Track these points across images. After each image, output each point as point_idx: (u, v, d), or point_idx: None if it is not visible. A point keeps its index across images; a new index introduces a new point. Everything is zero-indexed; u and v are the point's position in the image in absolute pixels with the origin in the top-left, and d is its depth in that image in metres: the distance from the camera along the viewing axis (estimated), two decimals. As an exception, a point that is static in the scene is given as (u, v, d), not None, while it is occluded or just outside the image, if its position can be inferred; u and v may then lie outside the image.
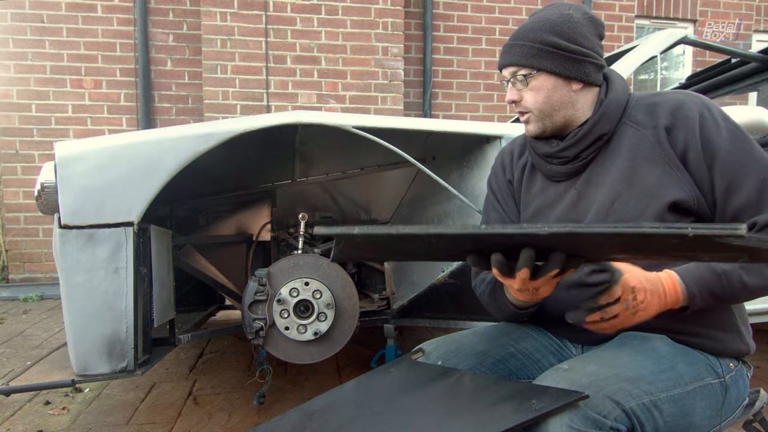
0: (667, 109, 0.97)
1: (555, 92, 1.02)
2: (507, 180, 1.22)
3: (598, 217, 0.99)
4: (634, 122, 1.00)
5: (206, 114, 3.93)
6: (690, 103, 0.96)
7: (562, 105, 1.02)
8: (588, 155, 1.03)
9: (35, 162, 3.96)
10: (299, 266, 1.39)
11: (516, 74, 1.03)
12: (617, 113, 1.01)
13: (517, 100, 1.05)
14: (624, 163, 0.98)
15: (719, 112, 0.95)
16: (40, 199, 1.32)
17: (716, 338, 0.93)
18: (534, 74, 1.01)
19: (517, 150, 1.21)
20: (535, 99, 1.03)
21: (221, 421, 1.77)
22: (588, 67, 1.01)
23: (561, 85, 1.01)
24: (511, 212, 1.20)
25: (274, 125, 1.41)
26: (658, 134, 0.96)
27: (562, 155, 1.05)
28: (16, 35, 3.93)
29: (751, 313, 1.73)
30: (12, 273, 4.00)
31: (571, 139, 1.03)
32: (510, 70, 1.04)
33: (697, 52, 5.09)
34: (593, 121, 1.01)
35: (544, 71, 1.00)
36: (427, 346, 1.11)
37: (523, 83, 1.03)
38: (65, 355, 1.48)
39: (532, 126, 1.06)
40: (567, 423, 0.76)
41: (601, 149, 1.03)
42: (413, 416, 0.91)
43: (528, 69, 1.01)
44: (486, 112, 4.67)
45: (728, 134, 0.92)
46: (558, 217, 1.06)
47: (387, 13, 4.13)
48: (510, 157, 1.23)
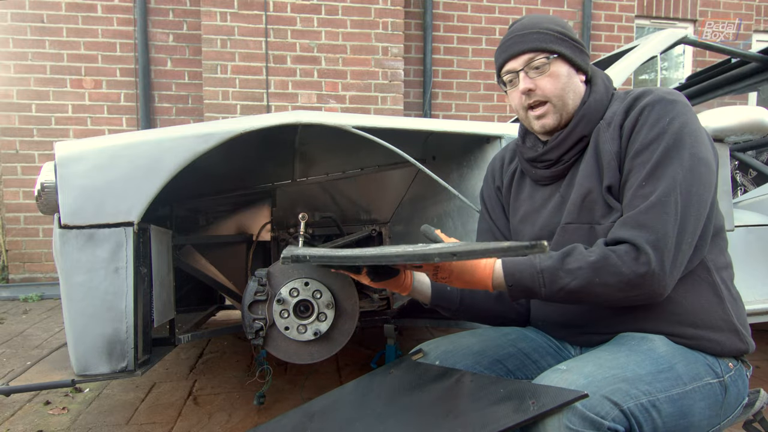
0: (624, 107, 0.98)
1: (570, 80, 1.01)
2: (496, 187, 1.23)
3: (571, 215, 0.99)
4: (603, 120, 1.01)
5: (206, 114, 3.93)
6: (641, 100, 0.95)
7: (574, 94, 1.02)
8: (570, 158, 1.03)
9: (35, 162, 3.96)
10: (299, 266, 1.39)
11: (533, 60, 1.00)
12: (597, 115, 1.02)
13: (533, 89, 1.01)
14: (590, 161, 0.99)
15: (660, 110, 0.92)
16: (40, 199, 1.32)
17: (714, 338, 0.93)
18: (553, 59, 1.00)
19: (508, 156, 1.22)
20: (554, 85, 1.00)
21: (221, 421, 1.77)
22: (588, 60, 1.04)
23: (573, 73, 1.02)
24: (498, 220, 1.22)
25: (274, 125, 1.41)
26: (613, 131, 0.97)
27: (545, 158, 1.06)
28: (16, 35, 3.93)
29: (751, 313, 1.74)
30: (12, 273, 4.00)
31: (553, 143, 1.04)
32: (524, 58, 1.00)
33: (697, 52, 5.09)
34: (573, 125, 1.02)
35: (562, 57, 1.00)
36: (425, 346, 1.11)
37: (540, 70, 1.00)
38: (65, 355, 1.48)
39: (551, 118, 1.02)
40: (565, 423, 0.76)
41: (582, 151, 1.03)
42: (413, 416, 0.91)
43: (547, 53, 0.99)
44: (486, 112, 4.67)
45: (654, 134, 0.91)
46: (544, 220, 1.07)
47: (387, 13, 4.13)
48: (500, 164, 1.24)
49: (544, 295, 0.91)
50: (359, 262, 0.81)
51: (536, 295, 0.91)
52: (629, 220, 0.89)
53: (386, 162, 2.00)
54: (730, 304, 0.97)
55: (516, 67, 1.02)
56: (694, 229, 0.89)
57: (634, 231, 0.87)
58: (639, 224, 0.87)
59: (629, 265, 0.86)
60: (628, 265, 0.86)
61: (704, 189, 0.90)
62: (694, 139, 0.90)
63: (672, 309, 0.94)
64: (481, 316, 1.15)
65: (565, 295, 0.89)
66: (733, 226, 1.79)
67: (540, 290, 0.90)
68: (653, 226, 0.86)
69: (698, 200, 0.89)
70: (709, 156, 0.92)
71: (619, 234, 0.89)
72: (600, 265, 0.87)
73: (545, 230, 1.06)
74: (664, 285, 0.87)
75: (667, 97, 0.93)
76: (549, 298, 0.91)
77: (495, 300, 1.12)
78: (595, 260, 0.87)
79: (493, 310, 1.14)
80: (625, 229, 0.88)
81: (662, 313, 0.94)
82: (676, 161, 0.88)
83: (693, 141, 0.90)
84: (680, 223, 0.87)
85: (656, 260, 0.85)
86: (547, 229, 1.06)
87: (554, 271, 0.89)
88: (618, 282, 0.86)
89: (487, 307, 1.12)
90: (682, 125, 0.90)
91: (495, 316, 1.15)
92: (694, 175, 0.88)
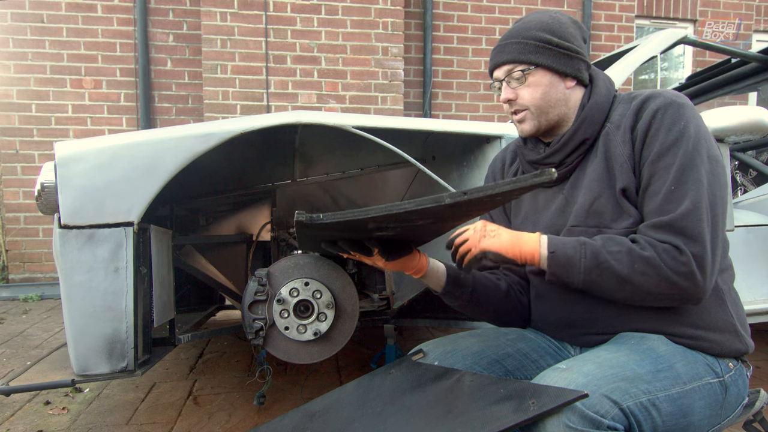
0: (633, 110, 0.98)
1: (551, 88, 1.02)
2: None
3: (578, 218, 1.00)
4: (611, 123, 1.01)
5: (206, 114, 3.93)
6: (651, 103, 0.96)
7: (557, 102, 1.03)
8: (573, 161, 1.04)
9: (35, 162, 3.96)
10: (299, 266, 1.39)
11: (512, 72, 1.03)
12: (599, 118, 1.02)
13: (513, 99, 1.04)
14: (600, 165, 0.99)
15: (675, 113, 0.93)
16: (40, 199, 1.32)
17: (714, 339, 0.93)
18: (531, 70, 1.01)
19: (509, 157, 1.23)
20: (532, 95, 1.02)
21: (221, 421, 1.77)
22: (580, 64, 1.03)
23: (556, 81, 1.03)
24: (499, 221, 1.22)
25: (274, 125, 1.41)
26: (624, 134, 0.98)
27: (548, 162, 1.06)
28: (16, 35, 3.93)
29: (751, 313, 1.74)
30: (12, 273, 4.00)
31: (555, 146, 1.05)
32: (505, 68, 1.04)
33: (697, 52, 5.09)
34: (574, 128, 1.02)
35: (541, 67, 1.01)
36: (425, 346, 1.11)
37: (520, 81, 1.03)
38: (65, 355, 1.48)
39: (528, 124, 1.06)
40: (564, 422, 0.76)
41: (586, 154, 1.03)
42: (413, 416, 0.91)
43: (525, 65, 1.01)
44: (486, 112, 4.67)
45: (673, 138, 0.91)
46: (547, 221, 1.07)
47: (387, 13, 4.13)
48: (501, 165, 1.24)
49: (582, 269, 0.90)
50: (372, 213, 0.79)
51: (574, 267, 0.90)
52: (666, 225, 0.89)
53: (386, 162, 2.01)
54: (730, 305, 0.97)
55: (499, 77, 1.06)
56: (723, 232, 0.92)
57: (672, 236, 0.88)
58: (678, 230, 0.88)
59: (670, 263, 0.87)
60: (668, 262, 0.87)
61: (723, 190, 0.92)
62: (707, 141, 0.93)
63: (672, 309, 0.94)
64: (486, 311, 1.15)
65: (601, 274, 0.89)
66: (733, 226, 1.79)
67: (580, 262, 0.90)
68: (692, 233, 0.87)
69: (721, 202, 0.91)
70: (720, 156, 0.95)
71: (659, 236, 0.89)
72: (642, 255, 0.87)
73: (548, 231, 1.06)
74: (704, 290, 0.88)
75: (677, 100, 0.94)
76: (586, 273, 0.90)
77: (503, 296, 1.13)
78: (638, 250, 0.88)
79: (499, 307, 1.14)
80: (662, 233, 0.89)
81: (662, 314, 0.94)
82: (700, 164, 0.90)
83: (708, 143, 0.93)
84: (712, 229, 0.89)
85: (696, 265, 0.87)
86: (550, 231, 1.06)
87: (598, 248, 0.90)
88: (656, 275, 0.87)
89: (494, 301, 1.12)
90: (696, 128, 0.92)
91: (500, 313, 1.15)
92: (714, 177, 0.91)
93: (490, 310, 1.14)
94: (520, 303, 1.15)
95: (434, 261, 1.07)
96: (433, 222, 0.90)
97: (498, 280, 1.14)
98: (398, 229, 0.92)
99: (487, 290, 1.11)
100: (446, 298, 1.11)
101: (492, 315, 1.16)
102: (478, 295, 1.10)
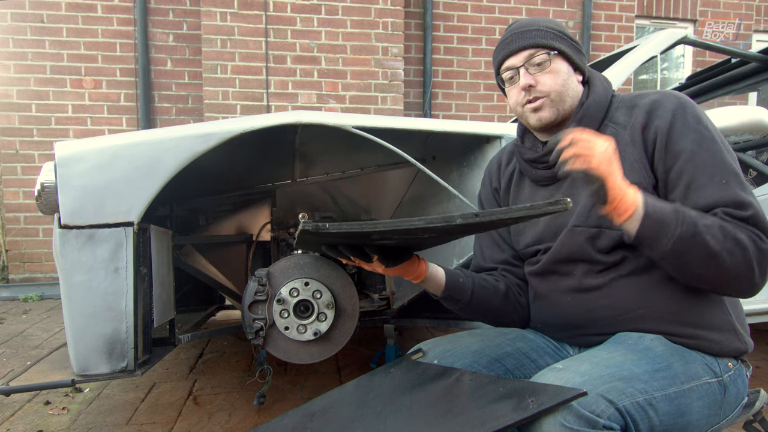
0: (643, 110, 0.98)
1: (569, 77, 1.03)
2: (493, 189, 1.23)
3: (580, 218, 0.99)
4: (615, 123, 1.01)
5: (206, 114, 3.93)
6: (666, 103, 0.96)
7: (573, 93, 1.04)
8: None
9: (35, 162, 3.96)
10: (299, 266, 1.39)
11: (533, 56, 1.01)
12: (598, 116, 1.02)
13: (533, 85, 1.02)
14: None
15: (693, 113, 0.95)
16: (40, 199, 1.32)
17: (713, 338, 0.93)
18: (554, 55, 1.01)
19: (506, 158, 1.23)
20: (554, 81, 1.01)
21: (221, 421, 1.77)
22: (585, 61, 1.05)
23: (572, 72, 1.04)
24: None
25: (274, 125, 1.41)
26: (633, 134, 0.98)
27: (546, 159, 1.06)
28: (16, 35, 3.93)
29: (751, 313, 1.73)
30: (12, 273, 4.00)
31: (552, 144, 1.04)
32: (525, 54, 1.02)
33: (697, 52, 5.09)
34: (574, 125, 1.02)
35: (562, 54, 1.02)
36: (425, 345, 1.11)
37: (541, 66, 1.01)
38: (65, 355, 1.48)
39: (547, 111, 1.03)
40: (560, 421, 0.76)
41: None
42: (413, 415, 0.91)
43: (548, 50, 1.01)
44: (486, 112, 4.67)
45: (696, 136, 0.92)
46: (546, 220, 1.07)
47: (387, 13, 4.13)
48: (497, 166, 1.24)
49: (676, 236, 0.86)
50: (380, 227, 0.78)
51: (668, 231, 0.86)
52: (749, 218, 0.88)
53: (386, 162, 2.01)
54: (729, 305, 0.97)
55: (516, 64, 1.03)
56: None
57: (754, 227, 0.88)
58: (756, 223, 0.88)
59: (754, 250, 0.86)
60: (753, 249, 0.86)
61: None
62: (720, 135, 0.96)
63: (671, 309, 0.94)
64: (485, 313, 1.15)
65: (693, 245, 0.86)
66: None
67: (674, 228, 0.86)
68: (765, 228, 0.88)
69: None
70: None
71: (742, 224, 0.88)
72: (735, 235, 0.86)
73: (548, 230, 1.06)
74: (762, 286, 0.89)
75: (685, 101, 0.96)
76: (677, 242, 0.86)
77: (502, 298, 1.13)
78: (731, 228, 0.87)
79: (498, 309, 1.14)
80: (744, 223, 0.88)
81: (662, 313, 0.94)
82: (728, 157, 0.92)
83: (721, 138, 0.95)
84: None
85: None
86: (550, 230, 1.06)
87: (694, 218, 0.87)
88: (743, 257, 0.86)
89: (494, 304, 1.12)
90: (709, 122, 0.95)
91: (499, 315, 1.15)
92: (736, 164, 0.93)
93: (489, 312, 1.14)
94: (519, 304, 1.15)
95: (433, 266, 1.07)
96: (437, 236, 0.90)
97: (497, 281, 1.14)
98: (401, 240, 0.92)
99: (486, 292, 1.11)
100: (446, 302, 1.11)
101: (491, 317, 1.16)
102: (478, 297, 1.10)
